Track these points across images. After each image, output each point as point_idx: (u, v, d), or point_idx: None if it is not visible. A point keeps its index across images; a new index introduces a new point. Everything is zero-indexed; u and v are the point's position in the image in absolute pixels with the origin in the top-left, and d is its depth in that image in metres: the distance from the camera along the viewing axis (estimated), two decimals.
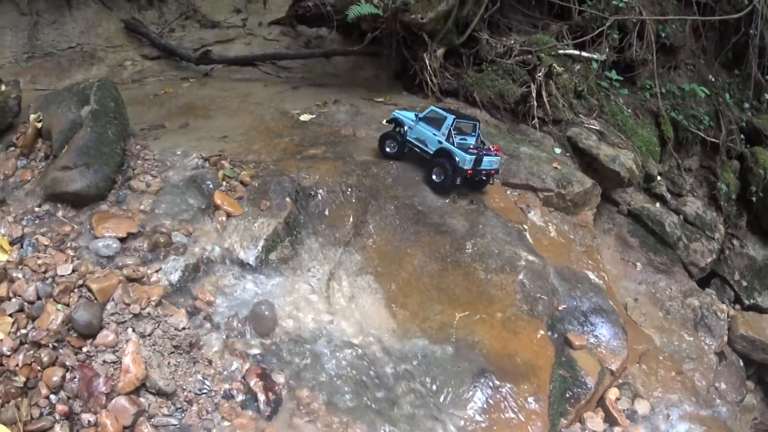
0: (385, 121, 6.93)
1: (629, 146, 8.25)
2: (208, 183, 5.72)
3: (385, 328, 5.16)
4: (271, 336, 4.82)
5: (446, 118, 6.24)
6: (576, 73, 8.62)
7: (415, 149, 6.50)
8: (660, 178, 8.91)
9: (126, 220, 5.22)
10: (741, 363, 7.59)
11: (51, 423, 4.01)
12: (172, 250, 5.09)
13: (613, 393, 5.67)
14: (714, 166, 9.96)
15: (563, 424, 5.05)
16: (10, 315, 4.36)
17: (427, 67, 8.25)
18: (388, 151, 6.61)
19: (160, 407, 4.22)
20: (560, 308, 5.89)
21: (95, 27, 9.21)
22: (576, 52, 8.79)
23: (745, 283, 9.09)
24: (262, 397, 4.41)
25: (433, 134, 6.31)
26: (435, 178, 6.34)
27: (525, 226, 6.56)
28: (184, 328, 4.59)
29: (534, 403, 4.87)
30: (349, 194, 5.97)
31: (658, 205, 8.70)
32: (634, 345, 6.27)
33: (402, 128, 6.58)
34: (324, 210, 5.83)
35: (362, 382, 4.69)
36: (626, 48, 9.33)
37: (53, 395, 4.14)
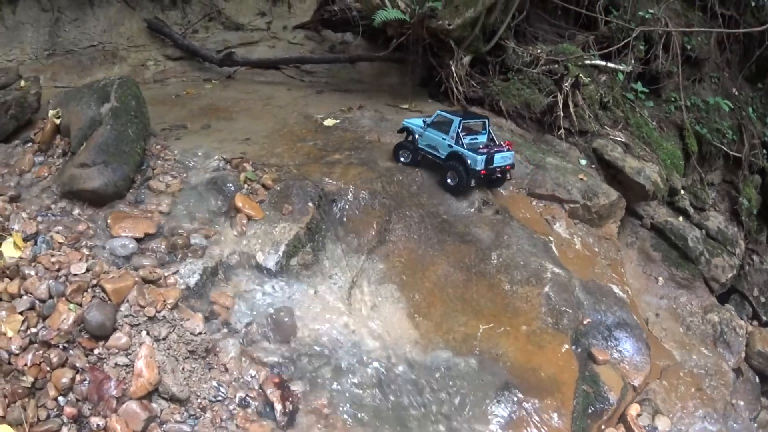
0: (397, 131, 6.87)
1: (654, 159, 8.18)
2: (229, 185, 5.63)
3: (407, 339, 5.04)
4: (290, 343, 4.69)
5: (453, 121, 6.21)
6: (602, 84, 8.53)
7: (428, 156, 6.44)
8: (683, 192, 8.83)
9: (144, 221, 5.13)
10: (757, 379, 7.50)
11: (58, 425, 3.90)
12: (190, 253, 4.97)
13: (634, 409, 5.58)
14: (736, 180, 9.95)
15: None
16: (21, 313, 4.23)
17: (453, 75, 8.12)
18: (403, 160, 6.55)
19: (173, 413, 4.10)
20: (585, 322, 5.79)
21: (117, 26, 9.20)
22: (602, 63, 8.69)
23: (763, 299, 9.07)
24: (278, 406, 4.28)
25: (443, 138, 6.27)
26: (450, 181, 6.31)
27: (551, 238, 6.47)
28: (200, 332, 4.47)
29: (557, 419, 4.76)
30: (372, 201, 5.89)
31: (681, 219, 8.60)
32: (655, 360, 6.18)
33: (413, 136, 6.52)
34: (347, 216, 5.75)
35: (382, 393, 4.58)
36: (652, 60, 9.29)
37: (62, 397, 4.02)
